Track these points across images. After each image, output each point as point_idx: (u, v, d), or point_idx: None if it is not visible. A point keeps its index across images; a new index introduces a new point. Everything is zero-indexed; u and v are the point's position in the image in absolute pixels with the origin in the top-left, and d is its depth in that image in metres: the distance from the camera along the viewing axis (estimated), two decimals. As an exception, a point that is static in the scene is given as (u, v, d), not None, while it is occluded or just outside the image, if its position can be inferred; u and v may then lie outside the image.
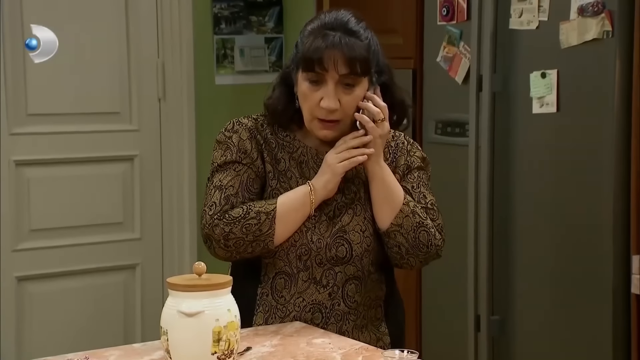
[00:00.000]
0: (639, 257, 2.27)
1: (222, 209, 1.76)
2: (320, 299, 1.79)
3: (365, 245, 1.80)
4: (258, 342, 1.67)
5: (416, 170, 1.85)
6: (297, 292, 1.80)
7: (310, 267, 1.79)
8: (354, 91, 1.76)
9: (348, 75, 1.74)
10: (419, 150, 1.89)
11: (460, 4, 2.67)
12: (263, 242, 1.75)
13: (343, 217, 1.80)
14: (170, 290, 1.51)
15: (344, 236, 1.79)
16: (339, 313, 1.80)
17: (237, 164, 1.80)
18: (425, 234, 1.78)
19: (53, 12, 3.24)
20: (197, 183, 3.61)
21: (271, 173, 1.81)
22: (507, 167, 2.56)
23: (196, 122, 3.58)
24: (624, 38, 2.27)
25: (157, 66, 3.50)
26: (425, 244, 1.78)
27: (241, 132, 1.84)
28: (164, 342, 1.49)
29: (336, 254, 1.79)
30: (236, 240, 1.75)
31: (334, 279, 1.79)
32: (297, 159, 1.82)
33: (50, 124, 3.33)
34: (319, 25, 1.77)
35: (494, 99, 2.57)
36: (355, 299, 1.81)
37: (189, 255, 3.55)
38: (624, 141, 2.29)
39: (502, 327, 2.61)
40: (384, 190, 1.78)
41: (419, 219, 1.78)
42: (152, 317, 3.29)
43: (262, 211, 1.75)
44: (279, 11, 3.75)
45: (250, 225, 1.75)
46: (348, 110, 1.76)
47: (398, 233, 1.78)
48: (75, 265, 3.39)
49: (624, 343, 2.31)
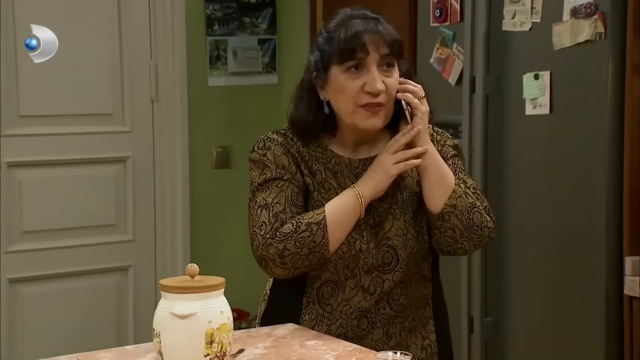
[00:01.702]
0: (631, 259, 2.27)
1: (273, 227, 1.73)
2: (367, 306, 1.78)
3: (410, 248, 1.78)
4: (251, 344, 1.67)
5: (451, 159, 1.82)
6: (345, 300, 1.78)
7: (357, 274, 1.77)
8: (394, 73, 1.76)
9: (388, 56, 1.74)
10: (450, 138, 1.87)
11: (454, 5, 2.68)
12: (319, 252, 1.73)
13: (384, 224, 1.78)
14: (162, 292, 1.50)
15: (388, 243, 1.77)
16: (385, 317, 1.79)
17: (279, 180, 1.78)
18: (478, 215, 1.75)
19: (46, 13, 3.23)
20: (190, 185, 3.60)
21: (311, 185, 1.79)
22: (500, 168, 2.56)
23: (189, 124, 3.58)
24: (617, 40, 2.27)
25: (149, 67, 3.50)
26: (479, 225, 1.75)
27: (274, 147, 1.81)
28: (157, 344, 1.49)
29: (383, 260, 1.77)
30: (292, 256, 1.72)
31: (382, 287, 1.78)
32: (331, 169, 1.80)
33: (42, 125, 3.32)
34: (344, 18, 1.78)
35: (487, 100, 2.57)
36: (400, 302, 1.79)
37: (181, 257, 3.55)
38: (617, 142, 2.29)
39: (495, 328, 2.61)
40: (437, 170, 1.75)
41: (471, 200, 1.75)
42: (144, 319, 3.28)
43: (312, 222, 1.73)
44: (272, 12, 3.74)
45: (303, 239, 1.72)
46: (392, 91, 1.75)
47: (452, 214, 1.74)
48: (68, 267, 3.38)
49: (617, 344, 2.31)
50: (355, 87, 1.74)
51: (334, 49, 1.75)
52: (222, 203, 3.66)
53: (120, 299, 3.49)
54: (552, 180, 2.45)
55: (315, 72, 1.80)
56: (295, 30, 3.69)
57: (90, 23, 3.36)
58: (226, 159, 3.69)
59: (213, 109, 3.66)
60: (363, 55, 1.73)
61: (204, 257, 3.53)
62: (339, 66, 1.75)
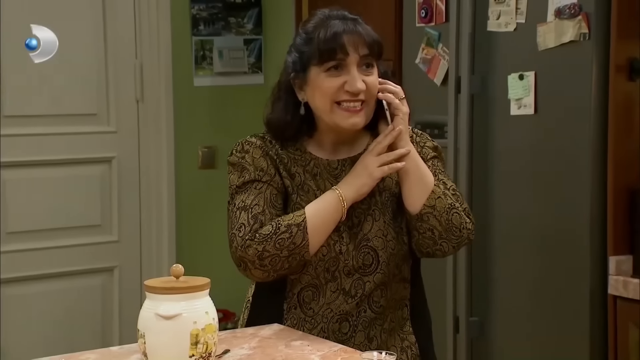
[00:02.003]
0: (615, 259, 2.28)
1: (252, 228, 1.72)
2: (349, 309, 1.77)
3: (390, 250, 1.77)
4: (236, 345, 1.66)
5: (431, 160, 1.81)
6: (326, 304, 1.77)
7: (338, 277, 1.76)
8: (374, 72, 1.75)
9: (368, 56, 1.74)
10: (429, 140, 1.86)
11: (439, 6, 2.68)
12: (299, 254, 1.71)
13: (363, 225, 1.77)
14: (147, 293, 1.49)
15: (368, 244, 1.76)
16: (366, 320, 1.78)
17: (257, 182, 1.77)
18: (457, 216, 1.74)
19: (30, 13, 3.21)
20: (176, 185, 3.59)
21: (290, 187, 1.78)
22: (485, 168, 2.57)
23: (175, 124, 3.57)
24: (601, 40, 2.28)
25: (135, 67, 3.49)
26: (457, 226, 1.73)
27: (252, 150, 1.80)
28: (141, 345, 1.48)
29: (363, 262, 1.76)
30: (271, 257, 1.70)
31: (363, 289, 1.76)
32: (310, 171, 1.79)
33: (27, 125, 3.30)
34: (323, 19, 1.77)
35: (472, 100, 2.58)
36: (380, 303, 1.78)
37: (167, 257, 3.54)
38: (601, 143, 2.30)
39: (480, 328, 2.61)
40: (417, 171, 1.74)
41: (450, 201, 1.74)
42: (130, 320, 3.26)
43: (292, 224, 1.71)
44: (258, 13, 3.74)
45: (283, 240, 1.70)
46: (372, 89, 1.74)
47: (431, 215, 1.72)
48: (53, 268, 3.36)
49: (601, 343, 2.32)
50: (334, 84, 1.73)
51: (313, 50, 1.74)
52: (208, 203, 3.65)
53: (106, 299, 3.47)
54: (537, 180, 2.46)
55: (293, 73, 1.79)
56: (281, 31, 3.69)
57: (75, 23, 3.35)
58: (212, 159, 3.69)
59: (199, 109, 3.65)
60: (343, 56, 1.73)
61: (190, 257, 3.52)
62: (319, 67, 1.74)
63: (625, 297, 2.25)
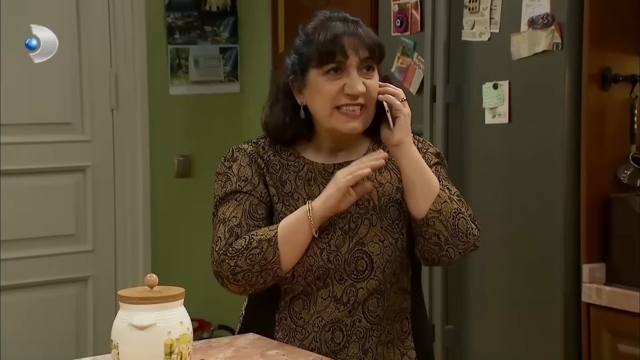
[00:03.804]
0: (589, 267, 2.30)
1: (227, 242, 1.69)
2: (340, 316, 1.72)
3: (387, 256, 1.71)
4: (211, 355, 1.65)
5: (434, 167, 1.77)
6: (317, 312, 1.72)
7: (330, 284, 1.72)
8: (374, 75, 1.72)
9: (368, 59, 1.71)
10: (431, 146, 1.83)
11: (414, 15, 2.70)
12: (271, 270, 1.68)
13: (359, 229, 1.72)
14: (121, 303, 1.48)
15: (363, 249, 1.71)
16: (361, 330, 1.72)
17: (238, 194, 1.74)
18: (463, 221, 1.69)
19: (5, 19, 3.18)
20: (151, 194, 3.58)
21: (276, 197, 1.74)
22: (460, 176, 2.58)
23: (150, 133, 3.56)
24: (573, 50, 2.31)
25: (109, 76, 3.47)
26: (464, 232, 1.68)
27: (240, 158, 1.76)
28: (115, 356, 1.47)
29: (356, 267, 1.71)
30: (244, 273, 1.68)
31: (355, 296, 1.71)
32: (303, 177, 1.75)
33: (0, 134, 3.27)
34: (323, 20, 1.74)
35: (447, 109, 2.59)
36: (377, 313, 1.72)
37: (142, 267, 3.52)
38: (574, 151, 2.32)
39: (456, 336, 2.62)
40: (421, 174, 1.69)
41: (456, 206, 1.70)
42: (104, 331, 3.23)
43: (263, 239, 1.68)
44: (234, 21, 3.74)
45: (254, 256, 1.67)
46: (372, 92, 1.70)
47: (437, 220, 1.67)
48: (26, 278, 3.33)
49: (575, 351, 2.34)
50: (334, 88, 1.69)
51: (312, 52, 1.70)
52: (184, 213, 3.63)
53: (80, 310, 3.44)
54: (511, 188, 2.48)
55: (292, 75, 1.75)
56: (256, 39, 3.69)
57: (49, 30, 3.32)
58: (187, 168, 3.67)
59: (174, 117, 3.64)
60: (342, 59, 1.69)
61: (165, 267, 3.50)
62: (318, 69, 1.70)
63: (599, 304, 2.27)
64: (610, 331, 2.25)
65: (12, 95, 3.27)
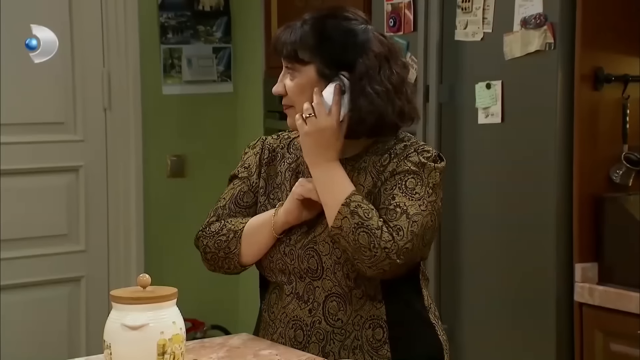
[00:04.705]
0: (581, 266, 2.31)
1: (209, 221, 1.81)
2: (301, 315, 1.73)
3: (335, 257, 1.70)
4: (204, 355, 1.65)
5: (400, 174, 1.69)
6: (282, 307, 1.76)
7: (293, 281, 1.74)
8: (295, 77, 1.73)
9: (287, 59, 1.73)
10: (416, 154, 1.72)
11: (407, 15, 2.70)
12: (232, 260, 1.77)
13: (316, 227, 1.73)
14: (113, 303, 1.48)
15: (314, 247, 1.72)
16: (321, 332, 1.72)
17: (236, 179, 1.84)
18: (365, 235, 1.62)
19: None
20: (144, 194, 3.57)
21: (263, 189, 1.80)
22: (453, 177, 2.58)
23: (143, 133, 3.55)
24: (566, 50, 2.31)
25: (102, 76, 3.46)
26: (366, 246, 1.62)
27: (257, 147, 1.85)
28: (107, 356, 1.47)
29: (308, 266, 1.72)
30: (212, 254, 1.78)
31: (314, 295, 1.72)
32: (294, 169, 1.79)
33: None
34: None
35: (440, 109, 2.59)
36: (338, 316, 1.71)
37: (135, 267, 3.51)
38: (567, 150, 2.33)
39: (449, 335, 2.62)
40: (320, 191, 1.69)
41: (357, 220, 1.63)
42: (97, 331, 3.20)
43: (232, 229, 1.76)
44: (227, 21, 3.73)
45: (220, 242, 1.77)
46: (291, 95, 1.74)
47: (340, 236, 1.65)
48: (19, 279, 3.32)
49: (568, 350, 2.34)
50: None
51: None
52: (177, 212, 3.63)
53: (72, 310, 3.43)
54: (503, 188, 2.48)
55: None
56: (250, 39, 3.69)
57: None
58: (181, 168, 3.67)
59: (167, 117, 3.64)
60: (280, 58, 1.76)
61: (158, 267, 3.49)
62: None
63: (591, 304, 2.27)
64: (603, 330, 2.26)
65: (3, 94, 3.26)
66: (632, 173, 2.32)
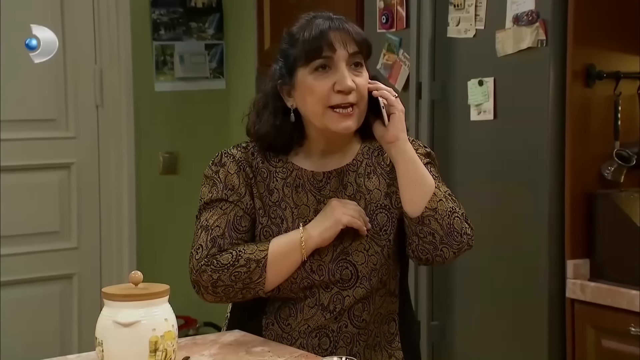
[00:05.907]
0: (573, 262, 2.31)
1: (209, 252, 1.67)
2: (327, 323, 1.71)
3: (372, 264, 1.69)
4: (196, 352, 1.65)
5: (425, 166, 1.70)
6: (304, 320, 1.71)
7: (316, 293, 1.70)
8: (363, 72, 1.68)
9: (357, 54, 1.66)
10: (421, 147, 1.77)
11: (400, 12, 2.70)
12: (253, 289, 1.68)
13: (344, 238, 1.69)
14: (105, 300, 1.48)
15: (347, 258, 1.69)
16: (348, 335, 1.71)
17: (224, 202, 1.71)
18: (458, 220, 1.66)
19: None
20: (136, 191, 3.56)
21: (261, 210, 1.71)
22: (446, 173, 2.58)
23: (135, 130, 3.54)
24: (558, 46, 2.32)
25: (94, 72, 3.45)
26: (459, 231, 1.65)
27: (229, 165, 1.73)
28: (99, 353, 1.46)
29: (341, 277, 1.69)
30: (225, 287, 1.67)
31: (342, 304, 1.70)
32: (291, 184, 1.72)
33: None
34: (308, 20, 1.70)
35: (433, 106, 2.60)
36: (363, 317, 1.71)
37: (127, 264, 3.50)
38: (559, 147, 2.33)
39: (441, 332, 2.63)
40: (416, 172, 1.65)
41: (451, 205, 1.66)
42: (89, 328, 3.21)
43: (252, 259, 1.66)
44: (219, 18, 3.73)
45: (239, 274, 1.66)
46: (363, 90, 1.66)
47: (433, 218, 1.64)
48: (10, 276, 3.31)
49: (560, 346, 2.35)
50: (324, 87, 1.65)
51: (299, 51, 1.67)
52: (169, 209, 3.62)
53: (64, 307, 3.43)
54: (496, 184, 2.49)
55: (280, 79, 1.71)
56: (242, 36, 3.68)
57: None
58: (173, 164, 3.66)
59: (160, 114, 3.63)
60: (330, 53, 1.65)
61: (151, 264, 3.49)
62: (305, 68, 1.66)
63: (583, 300, 2.28)
64: (595, 327, 2.26)
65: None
66: (624, 170, 2.33)
